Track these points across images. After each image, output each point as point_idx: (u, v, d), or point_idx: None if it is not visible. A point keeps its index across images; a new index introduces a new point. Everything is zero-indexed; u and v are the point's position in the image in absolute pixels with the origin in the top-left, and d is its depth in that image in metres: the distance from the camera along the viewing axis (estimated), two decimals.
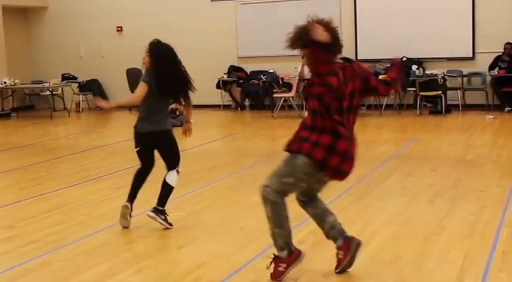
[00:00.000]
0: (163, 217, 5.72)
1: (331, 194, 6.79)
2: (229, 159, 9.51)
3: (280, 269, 4.38)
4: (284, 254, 4.41)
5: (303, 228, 5.61)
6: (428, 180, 7.31)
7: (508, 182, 7.03)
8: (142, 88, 5.63)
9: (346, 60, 4.28)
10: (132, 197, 5.86)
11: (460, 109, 13.30)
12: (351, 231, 5.43)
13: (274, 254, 4.42)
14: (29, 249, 5.33)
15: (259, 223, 5.79)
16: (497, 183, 7.05)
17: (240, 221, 5.98)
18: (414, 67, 13.55)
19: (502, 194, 6.51)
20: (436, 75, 13.08)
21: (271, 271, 4.39)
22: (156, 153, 5.84)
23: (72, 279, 4.60)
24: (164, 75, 5.68)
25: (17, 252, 5.30)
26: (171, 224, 5.75)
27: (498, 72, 12.98)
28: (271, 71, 15.00)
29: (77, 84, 17.03)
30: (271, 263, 4.40)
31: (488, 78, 13.33)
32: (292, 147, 4.30)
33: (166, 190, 5.73)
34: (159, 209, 5.72)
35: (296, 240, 5.23)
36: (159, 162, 5.86)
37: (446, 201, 6.32)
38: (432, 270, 4.50)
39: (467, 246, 4.98)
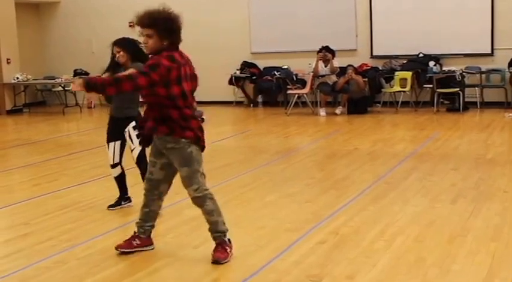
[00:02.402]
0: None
1: (350, 193, 6.70)
2: (243, 157, 9.38)
3: (228, 251, 4.70)
4: (226, 239, 4.76)
5: (323, 229, 5.49)
6: (449, 180, 7.15)
7: None
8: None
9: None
10: None
11: (478, 106, 13.11)
12: (372, 232, 5.35)
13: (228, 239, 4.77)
14: (45, 247, 5.23)
15: (277, 223, 5.71)
16: None
17: (256, 220, 5.86)
18: (431, 63, 13.35)
19: None
20: (454, 72, 12.87)
21: (218, 253, 4.68)
22: None
23: (89, 279, 4.49)
24: None
25: (33, 250, 5.20)
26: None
27: None
28: (285, 67, 14.86)
29: None
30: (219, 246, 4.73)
31: (507, 75, 13.10)
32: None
33: None
34: None
35: (316, 241, 5.16)
36: None
37: (469, 202, 6.17)
38: (459, 273, 4.36)
39: (493, 248, 4.82)
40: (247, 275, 4.46)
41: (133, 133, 6.09)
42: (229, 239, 4.77)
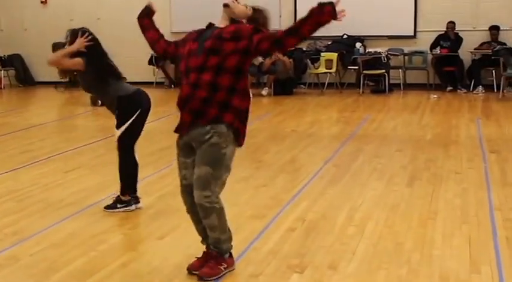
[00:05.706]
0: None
1: (303, 176, 6.53)
2: None
3: (221, 267, 3.99)
4: (227, 255, 4.06)
5: (288, 215, 5.29)
6: (397, 162, 7.13)
7: (479, 164, 6.93)
8: None
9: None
10: None
11: (402, 88, 13.27)
12: (339, 217, 5.18)
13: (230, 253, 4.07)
14: None
15: (238, 209, 5.44)
16: (469, 164, 6.93)
17: None
18: (358, 45, 13.39)
19: (478, 176, 6.38)
20: (379, 53, 12.96)
21: (206, 268, 3.96)
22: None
23: (54, 275, 4.07)
24: None
25: None
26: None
27: (440, 51, 12.96)
28: None
29: None
30: (211, 260, 4.01)
31: (430, 58, 13.33)
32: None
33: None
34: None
35: (285, 228, 4.95)
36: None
37: (425, 184, 6.13)
38: (442, 258, 4.26)
39: (466, 231, 4.77)
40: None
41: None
42: (230, 253, 4.07)
